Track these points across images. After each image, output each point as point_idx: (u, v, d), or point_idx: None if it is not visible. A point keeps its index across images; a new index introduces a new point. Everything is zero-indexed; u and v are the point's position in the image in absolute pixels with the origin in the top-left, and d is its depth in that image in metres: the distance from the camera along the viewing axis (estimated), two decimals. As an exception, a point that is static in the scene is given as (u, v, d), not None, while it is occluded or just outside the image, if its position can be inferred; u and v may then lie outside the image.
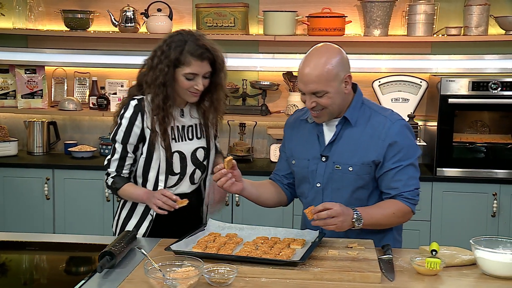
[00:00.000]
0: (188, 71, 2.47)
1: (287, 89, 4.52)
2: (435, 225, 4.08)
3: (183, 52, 2.46)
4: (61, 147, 4.69)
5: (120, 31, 4.48)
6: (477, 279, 2.07)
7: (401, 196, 2.37)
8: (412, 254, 2.24)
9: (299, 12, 4.38)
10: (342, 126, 2.43)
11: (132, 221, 2.63)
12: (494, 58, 4.40)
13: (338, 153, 2.43)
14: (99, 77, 4.64)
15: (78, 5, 4.60)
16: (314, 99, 2.34)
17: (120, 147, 2.56)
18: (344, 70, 2.35)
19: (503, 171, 4.06)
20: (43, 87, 4.66)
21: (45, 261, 2.49)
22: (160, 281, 1.91)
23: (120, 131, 2.55)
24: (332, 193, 2.44)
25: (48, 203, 4.29)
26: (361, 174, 2.40)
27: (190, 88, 2.50)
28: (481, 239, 2.14)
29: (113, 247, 2.13)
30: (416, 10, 4.25)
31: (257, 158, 4.59)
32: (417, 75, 4.37)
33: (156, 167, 2.57)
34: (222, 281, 1.97)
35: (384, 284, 2.01)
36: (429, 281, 2.04)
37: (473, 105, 4.07)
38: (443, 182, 4.08)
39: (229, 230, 2.41)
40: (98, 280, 2.04)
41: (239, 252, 2.15)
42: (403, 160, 2.38)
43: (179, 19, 4.55)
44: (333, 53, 2.35)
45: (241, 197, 4.17)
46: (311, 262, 2.09)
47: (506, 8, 4.36)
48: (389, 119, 2.42)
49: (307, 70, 2.33)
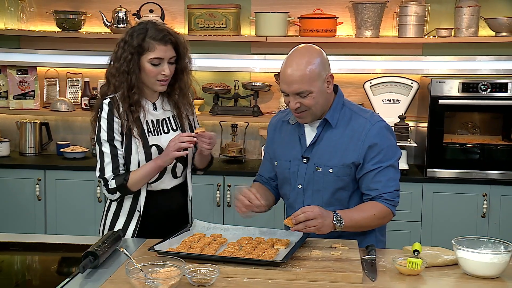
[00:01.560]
0: (153, 56, 2.47)
1: (279, 90, 4.52)
2: (425, 226, 4.09)
3: (145, 38, 2.47)
4: (53, 148, 4.69)
5: (112, 32, 4.49)
6: (458, 279, 2.08)
7: (381, 197, 2.38)
8: (395, 254, 2.24)
9: (291, 13, 4.40)
10: (323, 128, 2.44)
11: (120, 219, 2.61)
12: (484, 59, 4.41)
13: (318, 155, 2.44)
14: (91, 78, 4.64)
15: (70, 6, 4.60)
16: (298, 100, 2.35)
17: (108, 146, 2.51)
18: (325, 70, 2.37)
19: (493, 172, 4.07)
20: (35, 88, 4.67)
21: (36, 262, 2.49)
22: (142, 281, 1.92)
23: (103, 131, 2.52)
24: (313, 194, 2.45)
25: (39, 203, 4.30)
26: (341, 176, 2.41)
27: (157, 75, 2.50)
28: (463, 239, 2.14)
29: (97, 248, 2.13)
30: (407, 12, 4.26)
31: (249, 159, 4.60)
32: (408, 76, 4.38)
33: (135, 162, 2.54)
34: (204, 281, 1.97)
35: (366, 284, 2.01)
36: (410, 281, 2.05)
37: (464, 106, 4.09)
38: (434, 183, 4.09)
39: (214, 230, 2.42)
40: (81, 280, 2.04)
41: (222, 253, 2.15)
42: (382, 161, 2.39)
43: (171, 20, 4.56)
44: (314, 53, 2.36)
45: (232, 198, 4.18)
46: (293, 263, 2.10)
47: (496, 10, 4.37)
48: (369, 121, 2.42)
49: (290, 70, 2.33)
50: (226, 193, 4.19)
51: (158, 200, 2.62)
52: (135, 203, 2.59)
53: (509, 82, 4.00)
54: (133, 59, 2.47)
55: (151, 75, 2.50)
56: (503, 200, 4.04)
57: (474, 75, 4.39)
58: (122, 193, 2.54)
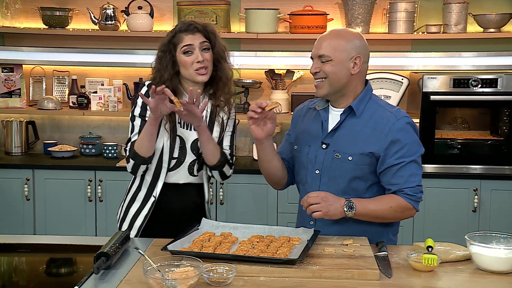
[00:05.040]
0: (183, 45, 2.54)
1: (269, 86, 4.52)
2: (417, 221, 4.12)
3: (175, 34, 2.58)
4: (40, 147, 4.62)
5: (100, 29, 4.42)
6: (473, 274, 2.09)
7: (401, 191, 2.39)
8: (406, 250, 2.25)
9: (281, 10, 4.39)
10: (347, 116, 2.46)
11: (135, 204, 2.68)
12: (472, 55, 4.46)
13: (339, 142, 2.45)
14: (78, 76, 4.58)
15: (57, 2, 4.52)
16: (318, 65, 2.43)
17: (139, 121, 2.60)
18: (356, 51, 2.42)
19: (483, 166, 4.12)
20: (21, 86, 4.58)
21: (24, 263, 2.44)
22: (160, 282, 1.90)
23: (137, 107, 2.62)
24: (329, 181, 2.46)
25: (28, 204, 4.22)
26: (359, 165, 2.42)
27: (193, 64, 2.54)
28: (475, 235, 2.16)
29: (109, 248, 2.10)
30: (397, 8, 4.29)
31: (240, 156, 4.58)
32: (398, 72, 4.41)
33: (160, 147, 2.59)
34: (221, 280, 1.96)
35: (383, 281, 2.01)
36: (426, 277, 2.05)
37: (455, 102, 4.13)
38: (425, 178, 4.05)
39: (223, 229, 2.40)
40: (95, 281, 2.01)
41: (236, 251, 2.14)
42: (405, 156, 2.40)
43: (160, 17, 4.51)
44: (350, 34, 2.49)
45: (225, 196, 4.17)
46: (308, 260, 2.09)
47: (484, 6, 4.42)
48: (395, 115, 2.44)
49: (324, 35, 2.48)
50: (219, 191, 4.17)
51: (172, 193, 2.65)
52: (151, 189, 2.64)
53: (499, 77, 4.05)
54: (169, 55, 2.56)
55: (187, 65, 2.55)
56: (494, 194, 4.09)
57: (462, 71, 4.44)
58: (135, 160, 2.56)
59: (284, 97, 4.45)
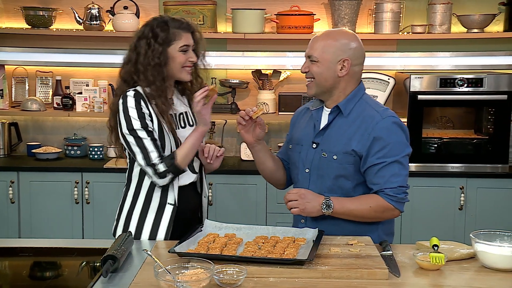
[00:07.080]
0: (182, 44, 2.52)
1: (256, 87, 4.51)
2: (405, 219, 4.15)
3: (170, 29, 2.52)
4: (23, 149, 4.54)
5: (84, 29, 4.37)
6: (478, 272, 2.11)
7: (382, 191, 2.40)
8: (410, 249, 2.27)
9: (268, 10, 4.38)
10: (336, 116, 2.48)
11: (149, 216, 2.55)
12: (457, 55, 4.51)
13: (326, 141, 2.48)
14: (63, 76, 4.51)
15: (40, 2, 4.45)
16: (308, 64, 2.47)
17: (145, 133, 2.47)
18: (344, 54, 2.41)
19: (469, 165, 4.18)
20: (4, 87, 4.50)
21: (7, 267, 2.40)
22: (171, 284, 1.88)
23: (134, 120, 2.46)
24: (317, 180, 2.49)
25: (13, 206, 4.15)
26: (343, 163, 2.43)
27: (185, 62, 2.54)
28: (480, 233, 2.19)
29: (115, 251, 2.08)
30: (383, 9, 4.32)
31: (227, 156, 4.55)
32: (384, 72, 4.44)
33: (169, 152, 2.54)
34: (232, 282, 1.95)
35: (391, 280, 2.03)
36: (434, 276, 2.07)
37: (441, 101, 4.17)
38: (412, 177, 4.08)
39: (226, 230, 2.38)
40: (103, 285, 1.98)
41: (243, 252, 2.13)
42: (387, 156, 2.40)
43: (146, 17, 4.43)
44: (344, 35, 2.47)
45: (214, 196, 4.15)
46: (317, 261, 2.09)
47: (468, 7, 4.47)
48: (380, 114, 2.44)
49: (317, 35, 2.49)
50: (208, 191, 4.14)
51: (182, 195, 2.60)
52: (164, 197, 2.55)
53: (484, 77, 4.10)
54: (164, 50, 2.50)
55: (181, 62, 2.53)
56: (479, 192, 4.15)
57: (446, 71, 4.48)
58: (174, 173, 2.50)
59: (271, 97, 4.45)
